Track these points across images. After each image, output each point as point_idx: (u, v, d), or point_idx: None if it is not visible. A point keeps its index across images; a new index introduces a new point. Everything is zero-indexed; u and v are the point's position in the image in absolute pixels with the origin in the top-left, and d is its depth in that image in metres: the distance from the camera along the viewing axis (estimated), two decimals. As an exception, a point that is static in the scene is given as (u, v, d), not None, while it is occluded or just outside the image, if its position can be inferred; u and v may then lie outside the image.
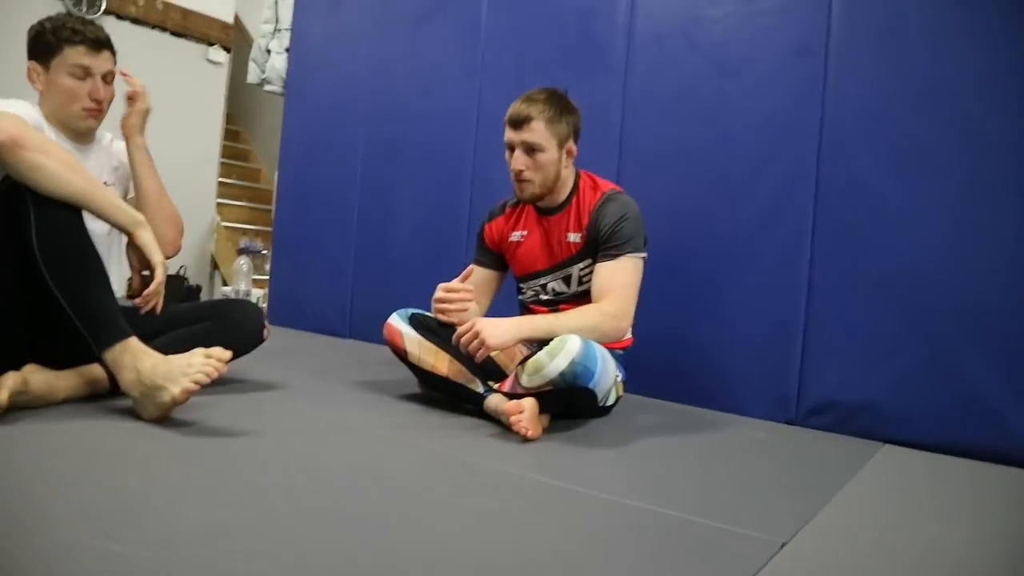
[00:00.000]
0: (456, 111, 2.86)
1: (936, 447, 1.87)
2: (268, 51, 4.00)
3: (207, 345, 1.56)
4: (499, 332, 1.67)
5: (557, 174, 1.91)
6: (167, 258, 1.84)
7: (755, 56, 2.18)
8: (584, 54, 2.50)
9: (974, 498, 1.52)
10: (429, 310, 2.01)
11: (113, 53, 1.81)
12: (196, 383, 1.48)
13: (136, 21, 4.31)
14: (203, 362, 1.51)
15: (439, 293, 1.83)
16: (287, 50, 3.76)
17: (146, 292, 1.63)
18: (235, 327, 1.91)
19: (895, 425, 1.93)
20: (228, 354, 1.55)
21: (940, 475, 1.68)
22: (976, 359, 1.83)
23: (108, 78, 1.80)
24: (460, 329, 1.70)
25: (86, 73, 1.75)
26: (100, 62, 1.77)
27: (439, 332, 1.92)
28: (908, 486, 1.58)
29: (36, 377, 1.55)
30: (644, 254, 1.88)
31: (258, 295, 4.04)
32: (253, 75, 4.09)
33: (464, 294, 1.81)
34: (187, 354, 1.53)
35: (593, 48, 2.49)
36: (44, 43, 1.74)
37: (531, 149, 1.87)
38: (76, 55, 1.74)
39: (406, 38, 3.08)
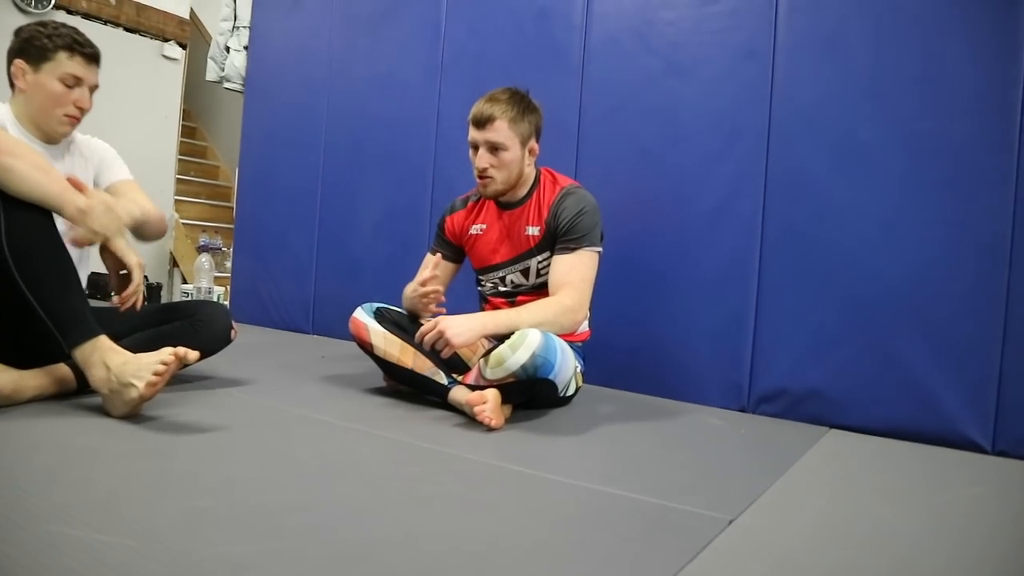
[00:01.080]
0: (417, 110, 2.90)
1: (877, 431, 1.97)
2: (227, 48, 3.97)
3: (175, 345, 1.59)
4: (462, 331, 1.72)
5: (519, 172, 1.97)
6: (157, 238, 1.89)
7: (706, 57, 2.27)
8: (542, 54, 2.56)
9: (911, 477, 1.62)
10: (394, 305, 2.07)
11: (99, 67, 1.87)
12: (157, 374, 1.51)
13: (88, 16, 4.24)
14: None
15: (420, 289, 1.93)
16: (246, 48, 3.75)
17: (126, 292, 1.67)
18: (204, 328, 1.93)
19: (839, 411, 2.03)
20: (195, 354, 1.58)
21: (880, 456, 1.78)
22: (912, 347, 1.93)
23: (93, 90, 1.86)
24: (424, 327, 1.75)
25: (76, 82, 1.80)
26: (91, 74, 1.84)
27: (404, 326, 1.98)
28: (850, 467, 1.68)
29: (2, 377, 1.56)
30: (600, 248, 1.96)
31: (219, 292, 4.03)
32: (212, 72, 4.06)
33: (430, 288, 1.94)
34: (156, 352, 1.55)
35: (550, 48, 2.55)
36: (38, 47, 1.77)
37: (494, 148, 1.93)
38: (71, 65, 1.79)
39: (366, 38, 3.10)
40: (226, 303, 3.67)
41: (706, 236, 2.24)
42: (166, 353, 1.54)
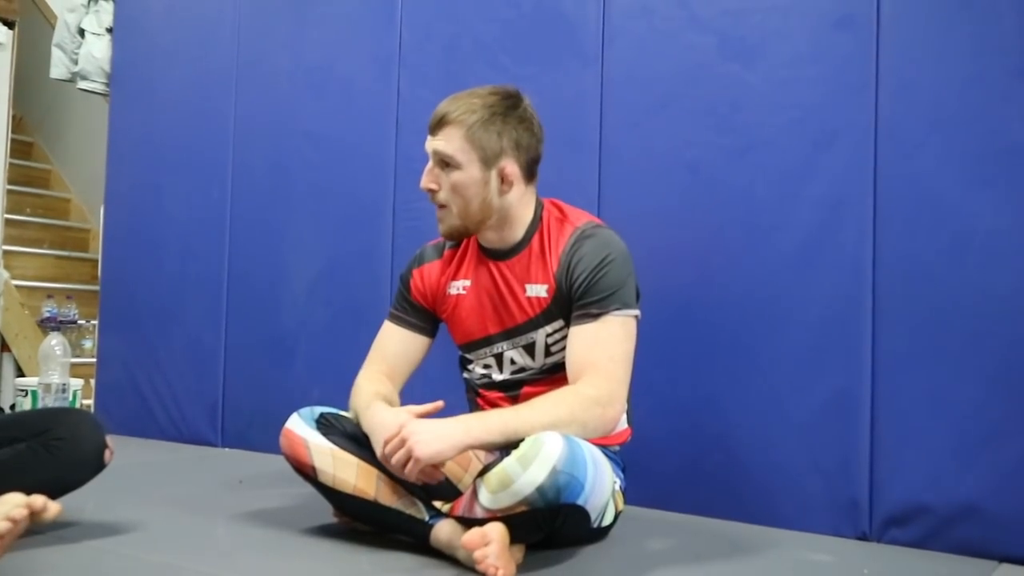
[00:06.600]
0: (366, 118, 2.95)
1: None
2: (81, 32, 4.02)
3: (20, 479, 1.58)
4: (434, 438, 1.71)
5: (483, 204, 1.98)
6: None
7: (779, 30, 2.31)
8: (544, 33, 2.62)
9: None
10: (343, 407, 2.06)
11: None
12: None
13: None
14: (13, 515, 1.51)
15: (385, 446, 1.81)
16: (109, 31, 3.80)
17: None
18: (63, 450, 1.92)
19: (1012, 536, 2.00)
20: (56, 507, 1.56)
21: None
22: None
23: None
24: (387, 435, 1.76)
25: None
26: None
27: (361, 439, 1.97)
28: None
29: None
30: (636, 311, 1.96)
31: (76, 388, 4.00)
32: (59, 67, 4.10)
33: None
34: None
35: (556, 24, 2.61)
36: None
37: (443, 163, 1.96)
38: None
39: (290, 14, 3.18)
40: (89, 404, 3.64)
41: (791, 286, 2.26)
42: (12, 505, 1.52)
